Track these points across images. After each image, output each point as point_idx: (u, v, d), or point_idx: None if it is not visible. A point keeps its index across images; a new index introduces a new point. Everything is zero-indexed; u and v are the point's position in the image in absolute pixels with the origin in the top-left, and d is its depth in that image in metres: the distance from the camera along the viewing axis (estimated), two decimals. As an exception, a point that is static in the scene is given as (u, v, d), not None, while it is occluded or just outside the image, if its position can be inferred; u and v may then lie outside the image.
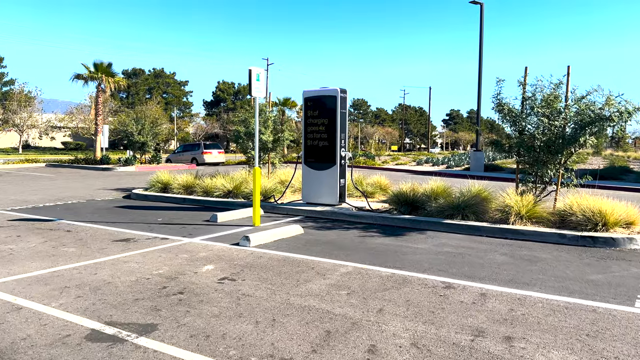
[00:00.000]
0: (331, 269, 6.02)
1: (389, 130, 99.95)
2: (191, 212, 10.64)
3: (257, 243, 7.36)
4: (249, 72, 8.67)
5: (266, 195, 11.53)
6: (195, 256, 6.67)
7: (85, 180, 18.86)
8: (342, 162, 10.53)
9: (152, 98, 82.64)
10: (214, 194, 12.04)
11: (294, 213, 10.37)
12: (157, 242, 7.56)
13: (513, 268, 6.16)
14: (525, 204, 8.57)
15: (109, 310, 4.55)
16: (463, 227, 8.50)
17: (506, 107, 9.08)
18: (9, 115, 61.89)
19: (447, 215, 9.02)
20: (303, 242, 7.61)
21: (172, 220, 9.56)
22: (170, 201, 12.18)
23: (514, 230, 8.10)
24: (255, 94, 8.81)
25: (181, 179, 13.01)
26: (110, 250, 7.05)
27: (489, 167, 26.05)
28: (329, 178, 10.55)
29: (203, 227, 8.89)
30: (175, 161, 32.79)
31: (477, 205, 9.09)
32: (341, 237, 8.00)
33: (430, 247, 7.30)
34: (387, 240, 7.82)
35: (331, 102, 10.45)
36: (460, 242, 7.68)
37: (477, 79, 26.00)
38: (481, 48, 25.93)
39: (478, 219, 8.86)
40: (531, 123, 8.93)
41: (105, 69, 27.93)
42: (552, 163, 8.75)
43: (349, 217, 9.66)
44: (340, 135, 10.44)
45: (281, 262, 6.37)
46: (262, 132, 13.77)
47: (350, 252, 6.92)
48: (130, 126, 24.44)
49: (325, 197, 10.63)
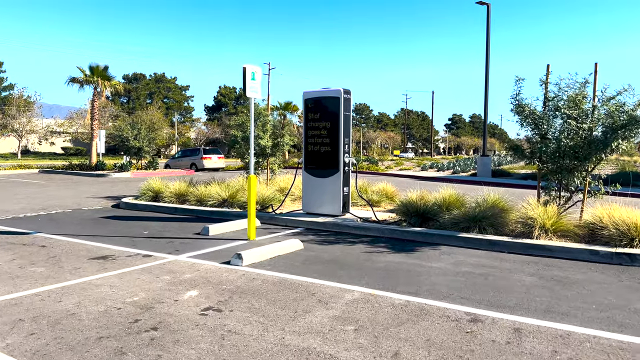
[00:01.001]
0: (335, 295, 5.17)
1: (391, 134, 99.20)
2: (182, 224, 9.80)
3: (251, 262, 6.51)
4: (243, 71, 7.85)
5: (264, 205, 10.69)
6: (179, 278, 5.83)
7: (77, 187, 18.05)
8: (346, 168, 9.69)
9: (152, 103, 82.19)
10: (208, 203, 11.20)
11: (293, 224, 9.52)
12: (138, 261, 6.72)
13: (546, 293, 5.30)
14: (550, 215, 7.72)
15: (63, 355, 3.71)
16: (481, 241, 7.65)
17: (527, 108, 8.24)
18: (8, 121, 61.25)
19: (462, 228, 8.16)
20: (302, 260, 6.76)
21: (159, 233, 8.73)
22: (161, 211, 11.34)
23: (539, 246, 7.23)
24: (251, 94, 7.99)
25: (173, 187, 12.18)
26: (84, 270, 6.21)
27: (496, 173, 25.19)
28: (331, 186, 9.71)
29: (192, 241, 8.06)
30: (174, 167, 31.98)
31: (495, 216, 8.24)
32: (345, 254, 7.15)
33: (447, 266, 6.45)
34: (398, 257, 6.97)
35: (334, 103, 9.62)
36: (480, 260, 6.82)
37: (484, 82, 25.16)
38: (488, 50, 25.12)
39: (497, 232, 8.00)
40: (555, 126, 8.09)
41: (102, 72, 27.17)
42: (578, 170, 7.90)
43: (354, 230, 8.81)
44: (344, 140, 9.60)
45: (277, 285, 5.53)
46: (260, 137, 12.95)
47: (356, 273, 6.07)
48: (126, 131, 23.63)
49: (328, 206, 9.79)
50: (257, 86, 8.08)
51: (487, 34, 25.33)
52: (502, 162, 39.98)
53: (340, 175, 9.60)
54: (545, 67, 8.54)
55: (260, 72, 8.10)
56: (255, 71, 8.01)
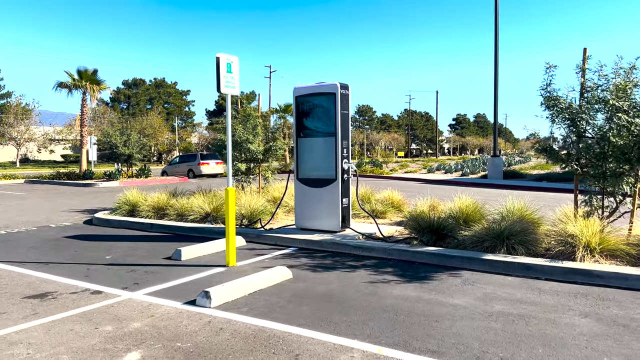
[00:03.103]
0: (327, 358, 3.76)
1: (395, 136, 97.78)
2: (154, 244, 8.41)
3: (222, 301, 5.10)
4: (217, 61, 6.45)
5: (252, 220, 9.29)
6: (124, 330, 4.43)
7: (58, 198, 16.71)
8: (345, 176, 8.28)
9: (153, 108, 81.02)
10: (189, 217, 9.81)
11: (284, 243, 8.11)
12: (82, 300, 5.33)
13: (613, 346, 3.87)
14: (595, 231, 6.28)
15: None
16: (511, 265, 6.21)
17: (562, 101, 6.80)
18: (5, 129, 60.21)
19: (486, 248, 6.73)
20: (290, 296, 5.36)
21: (123, 259, 7.34)
22: (136, 227, 9.95)
23: (586, 271, 5.80)
24: (226, 89, 6.59)
25: (152, 199, 10.80)
26: (7, 316, 4.83)
27: (508, 174, 23.73)
28: (328, 197, 8.30)
29: (159, 269, 6.66)
30: (171, 173, 30.64)
31: (524, 232, 6.80)
32: (344, 285, 5.74)
33: (474, 303, 5.02)
34: (410, 289, 5.55)
35: (329, 100, 8.22)
36: (514, 292, 5.39)
37: (493, 79, 23.72)
38: (497, 44, 23.65)
39: (529, 251, 6.57)
40: (597, 122, 6.65)
41: (90, 76, 25.90)
42: (628, 175, 6.46)
43: (355, 250, 7.39)
44: (342, 143, 8.20)
45: (249, 342, 4.12)
46: (249, 141, 11.57)
47: (358, 317, 4.65)
48: (114, 137, 22.28)
49: (324, 221, 8.38)
50: (235, 80, 6.69)
51: (495, 27, 23.86)
52: (511, 162, 38.47)
53: (338, 184, 8.19)
54: (582, 51, 7.10)
55: (237, 62, 6.70)
56: (231, 61, 6.61)
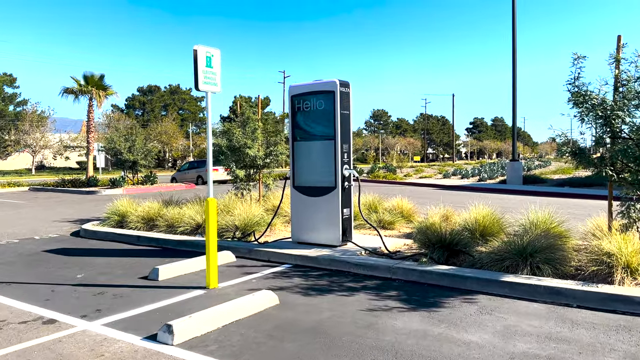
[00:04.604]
0: None
1: (410, 140, 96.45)
2: (135, 260, 7.64)
3: (188, 337, 4.27)
4: (194, 54, 5.65)
5: (245, 232, 8.47)
6: (59, 376, 3.62)
7: (56, 207, 16.11)
8: (346, 184, 7.41)
9: (167, 115, 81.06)
10: (178, 229, 9.03)
11: (277, 259, 7.26)
12: (28, 332, 4.55)
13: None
14: (636, 249, 5.33)
15: None
16: (537, 289, 5.27)
17: (593, 96, 5.86)
18: (21, 136, 60.57)
19: (506, 267, 5.80)
20: (271, 328, 4.50)
21: (94, 278, 6.56)
22: (122, 240, 9.20)
23: (627, 298, 4.84)
24: (205, 86, 5.78)
25: (142, 209, 10.05)
26: None
27: (528, 179, 22.59)
28: (327, 207, 7.44)
29: (131, 291, 5.86)
30: (181, 180, 30.11)
31: (550, 248, 5.86)
32: (338, 314, 4.87)
33: (492, 341, 4.11)
34: (415, 319, 4.65)
35: (327, 99, 7.38)
36: (542, 325, 4.46)
37: (512, 81, 22.61)
38: (514, 45, 22.56)
39: (556, 272, 5.62)
40: (636, 120, 5.70)
41: (97, 81, 25.44)
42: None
43: (355, 268, 6.51)
44: (342, 147, 7.34)
45: (208, 396, 3.27)
46: (248, 146, 10.77)
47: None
48: (118, 143, 21.70)
49: (323, 234, 7.52)
50: (216, 76, 5.88)
51: (513, 27, 22.78)
52: (530, 166, 37.15)
53: (338, 193, 7.33)
54: (616, 38, 6.15)
55: (219, 56, 5.90)
56: (212, 55, 5.81)
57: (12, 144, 62.59)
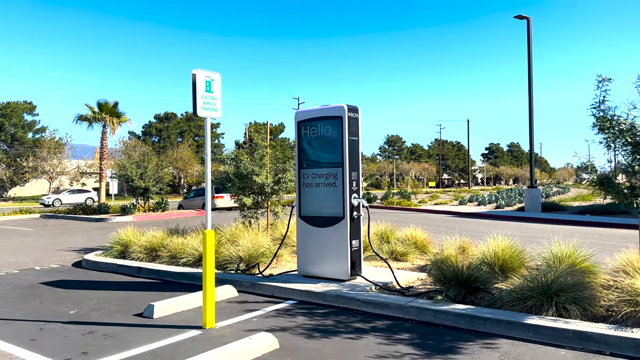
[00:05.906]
0: None
1: (425, 166, 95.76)
2: (133, 294, 7.26)
3: (174, 388, 3.84)
4: (193, 79, 5.37)
5: (250, 263, 8.06)
6: None
7: (62, 235, 15.89)
8: (355, 214, 7.00)
9: (183, 141, 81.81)
10: (180, 260, 8.65)
11: (281, 295, 6.82)
12: (3, 380, 4.17)
13: None
14: (675, 288, 4.80)
15: None
16: (565, 334, 4.75)
17: (621, 121, 5.43)
18: (39, 163, 61.37)
19: (529, 307, 5.29)
20: (268, 378, 4.06)
21: (87, 314, 6.18)
22: (123, 271, 8.85)
23: (669, 346, 4.31)
24: (204, 112, 5.48)
25: (145, 239, 9.71)
26: None
27: (547, 207, 21.89)
28: (334, 239, 7.01)
29: (122, 331, 5.46)
30: (187, 207, 29.94)
31: (577, 286, 5.35)
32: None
33: (517, 398, 3.61)
34: (428, 369, 4.17)
35: (335, 125, 7.03)
36: (572, 378, 3.95)
37: (528, 106, 22.13)
38: (530, 71, 22.18)
39: (585, 313, 5.10)
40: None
41: (111, 108, 25.62)
42: None
43: (364, 306, 6.04)
44: (351, 175, 6.95)
45: None
46: (255, 173, 10.45)
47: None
48: (130, 170, 21.61)
49: (330, 267, 7.08)
50: (216, 101, 5.58)
51: (528, 52, 22.44)
52: (549, 192, 36.29)
53: (346, 223, 6.91)
54: None
55: (219, 80, 5.61)
56: (212, 79, 5.52)
57: (30, 170, 63.41)
